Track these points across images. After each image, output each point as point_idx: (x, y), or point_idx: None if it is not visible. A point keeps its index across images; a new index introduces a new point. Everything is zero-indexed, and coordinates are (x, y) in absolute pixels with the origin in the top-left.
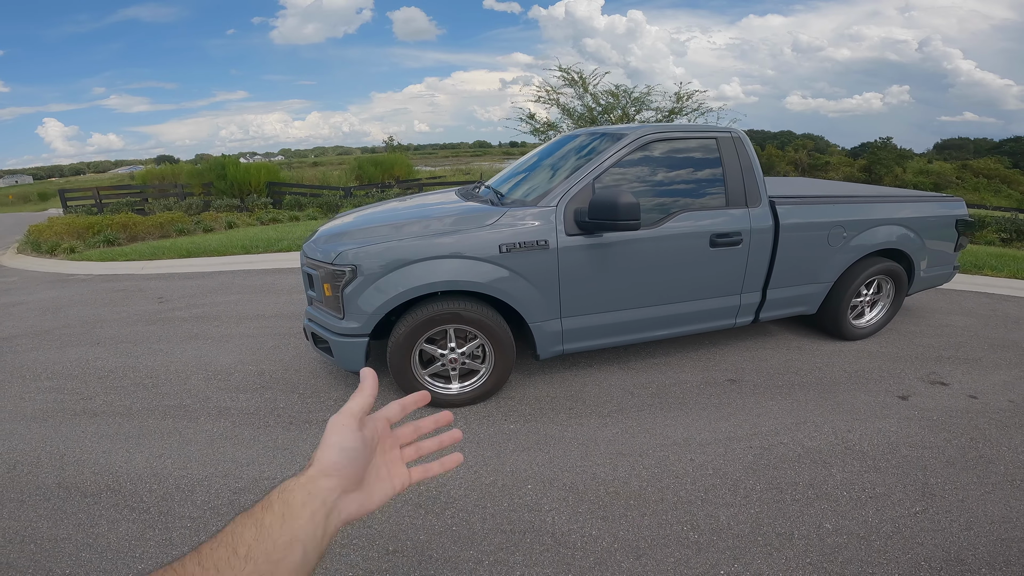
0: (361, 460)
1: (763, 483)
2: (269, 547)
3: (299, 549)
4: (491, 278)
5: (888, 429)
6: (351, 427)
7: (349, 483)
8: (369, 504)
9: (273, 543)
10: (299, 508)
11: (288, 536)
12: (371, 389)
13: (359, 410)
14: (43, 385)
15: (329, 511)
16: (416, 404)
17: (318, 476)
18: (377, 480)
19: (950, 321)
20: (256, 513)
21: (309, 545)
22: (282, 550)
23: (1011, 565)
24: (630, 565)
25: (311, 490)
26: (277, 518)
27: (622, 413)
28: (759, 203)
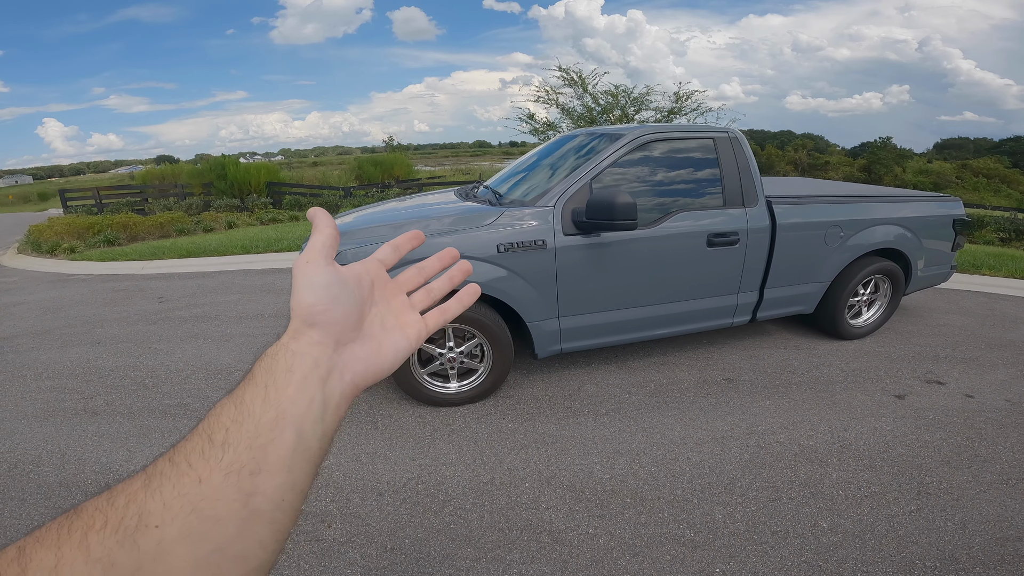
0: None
1: (759, 482)
2: (251, 429)
3: (290, 429)
4: (489, 278)
5: (884, 428)
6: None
7: (343, 331)
8: (380, 360)
9: (256, 424)
10: (284, 375)
11: (273, 413)
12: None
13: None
14: (44, 384)
15: (326, 373)
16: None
17: (300, 330)
18: (384, 331)
19: (948, 320)
20: (237, 392)
21: (305, 422)
22: (268, 431)
23: (1005, 564)
24: (626, 563)
25: (295, 349)
26: (259, 392)
27: (619, 412)
28: (756, 203)
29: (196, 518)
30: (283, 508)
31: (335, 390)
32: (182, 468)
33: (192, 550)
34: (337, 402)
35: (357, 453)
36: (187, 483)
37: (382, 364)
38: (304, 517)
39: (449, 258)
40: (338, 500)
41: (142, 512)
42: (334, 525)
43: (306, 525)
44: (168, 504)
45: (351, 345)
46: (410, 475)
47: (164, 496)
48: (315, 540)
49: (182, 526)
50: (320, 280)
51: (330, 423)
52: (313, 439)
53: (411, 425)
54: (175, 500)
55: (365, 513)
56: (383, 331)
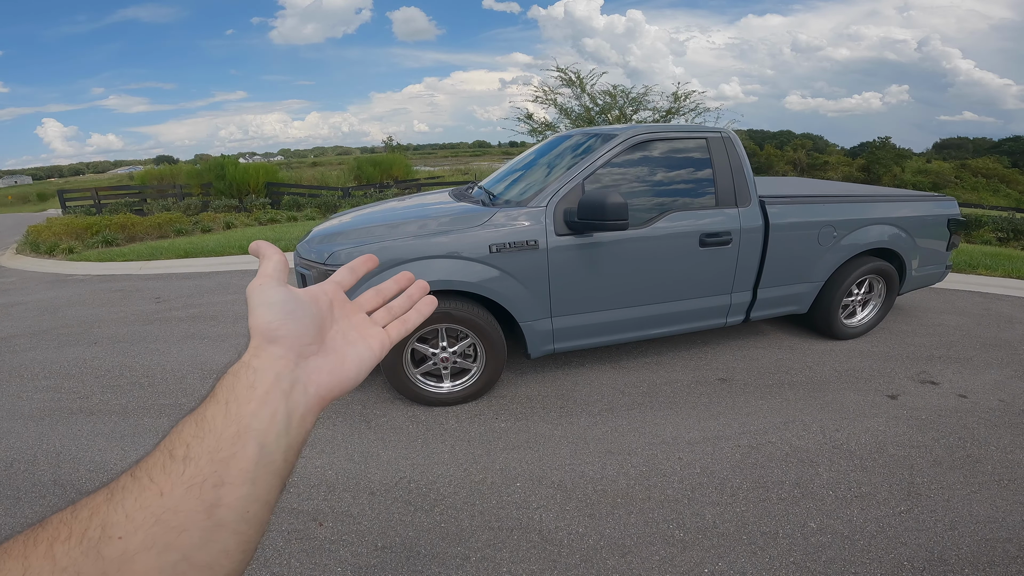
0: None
1: (750, 482)
2: (212, 444)
3: (252, 442)
4: (481, 278)
5: (876, 428)
6: (270, 283)
7: (303, 344)
8: (344, 370)
9: (217, 438)
10: (246, 391)
11: (235, 427)
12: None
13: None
14: (40, 384)
15: (289, 387)
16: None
17: (260, 346)
18: (347, 343)
19: (943, 320)
20: (199, 410)
21: (268, 436)
22: (229, 445)
23: (995, 566)
24: (616, 563)
25: (256, 366)
26: (220, 408)
27: (612, 412)
28: (749, 203)
29: (159, 529)
30: (247, 519)
31: (299, 403)
32: (143, 482)
33: (157, 559)
34: (302, 414)
35: (350, 452)
36: (149, 496)
37: (346, 375)
38: (296, 515)
39: (406, 281)
40: (330, 499)
41: (105, 523)
42: (326, 523)
43: (298, 523)
44: (131, 516)
45: (314, 358)
46: (402, 474)
47: (126, 508)
48: (306, 538)
49: (145, 536)
50: (275, 298)
51: (295, 436)
52: (277, 452)
53: (404, 424)
54: (137, 512)
55: (357, 512)
56: (345, 343)
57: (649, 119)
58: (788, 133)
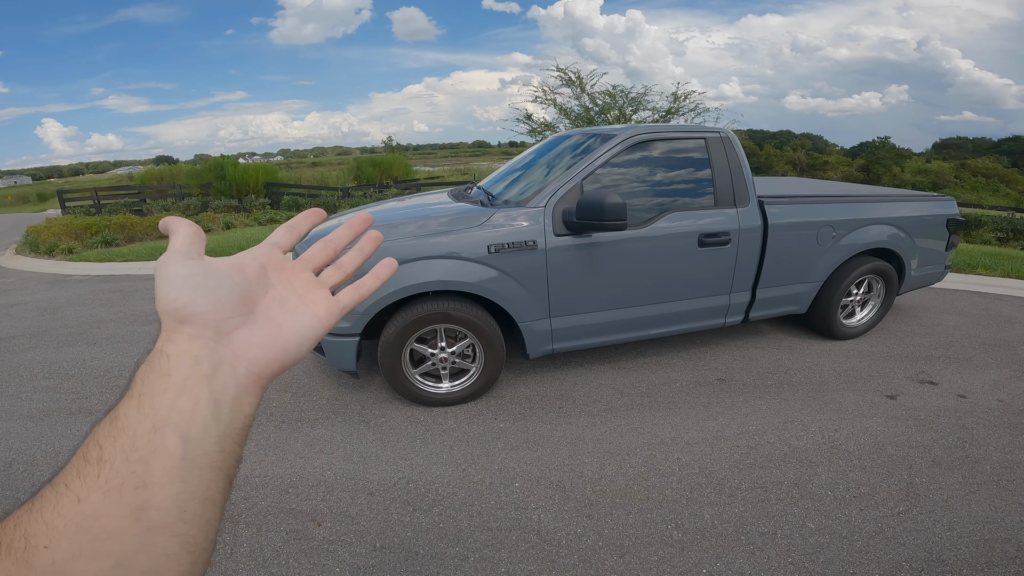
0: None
1: (748, 482)
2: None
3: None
4: (480, 278)
5: (875, 428)
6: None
7: (220, 319)
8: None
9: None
10: (160, 380)
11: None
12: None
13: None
14: (40, 385)
15: (211, 369)
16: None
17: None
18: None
19: (942, 320)
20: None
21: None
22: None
23: (993, 566)
24: (614, 563)
25: (170, 351)
26: (133, 404)
27: (611, 412)
28: (748, 203)
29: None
30: (187, 519)
31: (227, 386)
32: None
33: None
34: (234, 397)
35: (349, 452)
36: (66, 503)
37: (285, 346)
38: (294, 516)
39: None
40: (328, 499)
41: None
42: (324, 524)
43: (296, 524)
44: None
45: (238, 331)
46: (401, 474)
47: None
48: (305, 539)
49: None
50: (180, 272)
51: (230, 423)
52: (208, 443)
53: (403, 425)
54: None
55: (355, 512)
56: (283, 311)
57: (649, 119)
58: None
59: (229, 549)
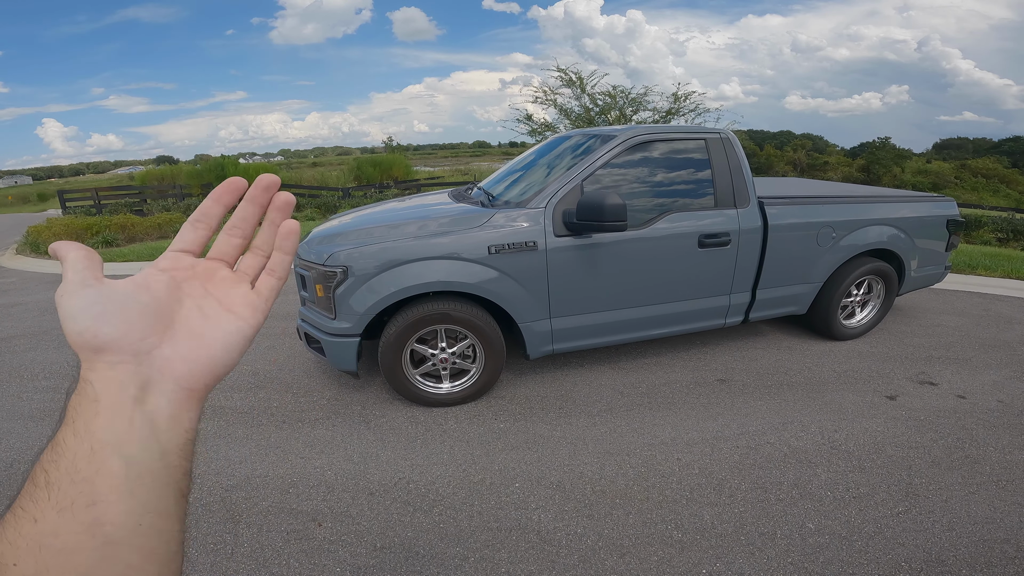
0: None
1: (748, 483)
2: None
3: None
4: (480, 279)
5: (875, 429)
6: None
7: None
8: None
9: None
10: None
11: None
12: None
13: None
14: (40, 385)
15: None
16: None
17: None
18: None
19: (942, 321)
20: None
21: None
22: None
23: (992, 567)
24: (614, 563)
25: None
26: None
27: (611, 413)
28: (748, 203)
29: (47, 554)
30: (143, 532)
31: (160, 404)
32: (17, 512)
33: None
34: (170, 415)
35: (349, 453)
36: (24, 524)
37: (212, 356)
38: (295, 516)
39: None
40: (329, 499)
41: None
42: (325, 524)
43: (297, 524)
44: (14, 544)
45: (158, 350)
46: (401, 475)
47: (9, 538)
48: (305, 539)
49: (36, 562)
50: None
51: (169, 438)
52: (150, 460)
53: (403, 425)
54: (19, 540)
55: (356, 512)
56: (204, 321)
57: (649, 120)
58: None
59: (230, 549)
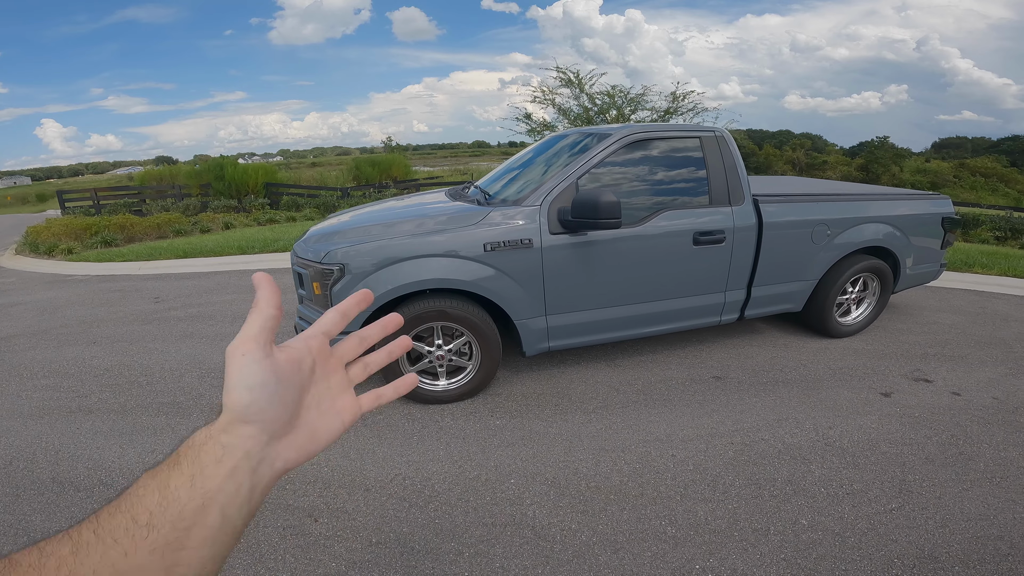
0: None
1: (742, 479)
2: (175, 514)
3: (215, 513)
4: (476, 276)
5: (869, 426)
6: (253, 356)
7: (277, 427)
8: (314, 446)
9: (180, 509)
10: (212, 466)
11: (200, 500)
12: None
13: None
14: (40, 383)
15: (257, 464)
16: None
17: (234, 424)
18: (320, 416)
19: (938, 319)
20: (161, 473)
21: (230, 507)
22: (192, 516)
23: (985, 563)
24: (607, 558)
25: (226, 443)
26: (185, 480)
27: (607, 409)
28: (742, 201)
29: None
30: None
31: (264, 476)
32: (107, 542)
33: None
34: (266, 484)
35: (346, 450)
36: (114, 555)
37: (315, 449)
38: (291, 512)
39: (393, 325)
40: (325, 495)
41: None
42: (321, 520)
43: (293, 520)
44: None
45: (286, 436)
46: (397, 471)
47: (92, 564)
48: (301, 534)
49: None
50: (256, 379)
51: (256, 503)
52: (238, 518)
53: (400, 422)
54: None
55: (352, 508)
56: (319, 416)
57: (647, 119)
58: (787, 133)
59: None
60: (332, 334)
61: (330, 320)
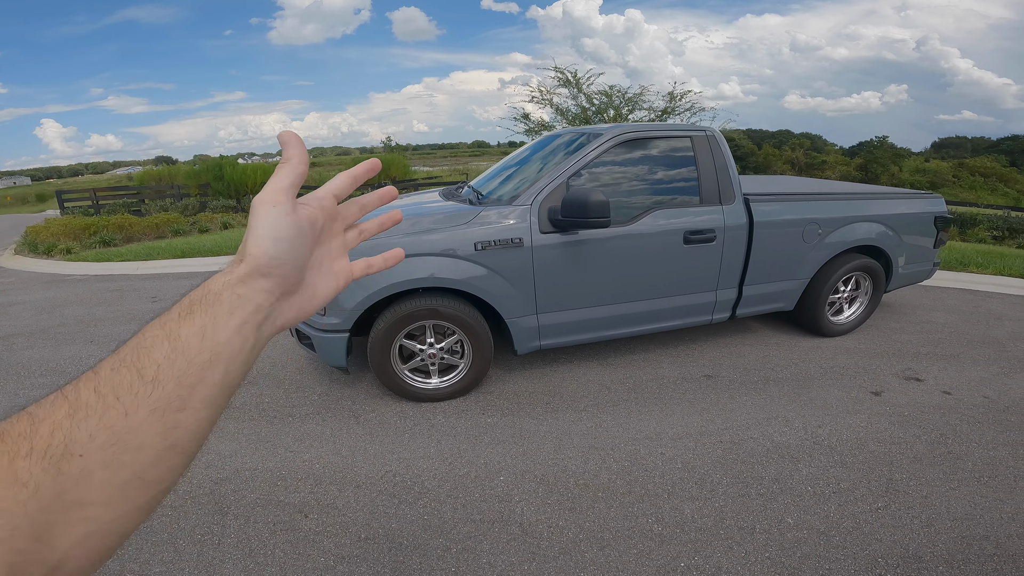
0: (301, 250)
1: (730, 477)
2: (182, 368)
3: (220, 369)
4: (467, 275)
5: (858, 425)
6: (284, 208)
7: (289, 283)
8: (311, 306)
9: (188, 363)
10: (225, 318)
11: (208, 354)
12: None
13: (290, 185)
14: (37, 382)
15: (263, 319)
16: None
17: (253, 276)
18: (320, 276)
19: (932, 318)
20: (171, 323)
21: (234, 363)
22: (198, 371)
23: (970, 563)
24: (593, 556)
25: (243, 293)
26: (196, 332)
27: (597, 408)
28: (733, 200)
29: (119, 449)
30: (197, 439)
31: (265, 333)
32: (109, 401)
33: (112, 476)
34: (264, 342)
35: (338, 447)
36: (113, 416)
37: (311, 310)
38: (282, 507)
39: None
40: (316, 492)
41: (68, 441)
42: (311, 516)
43: (283, 515)
44: (94, 435)
45: (292, 295)
46: (388, 468)
47: (90, 428)
48: (291, 530)
49: (105, 455)
50: (283, 232)
51: (252, 359)
52: (237, 376)
53: (392, 420)
54: (101, 432)
55: (342, 504)
56: (319, 277)
57: (645, 119)
58: (787, 133)
59: (217, 540)
60: (341, 197)
61: (341, 183)
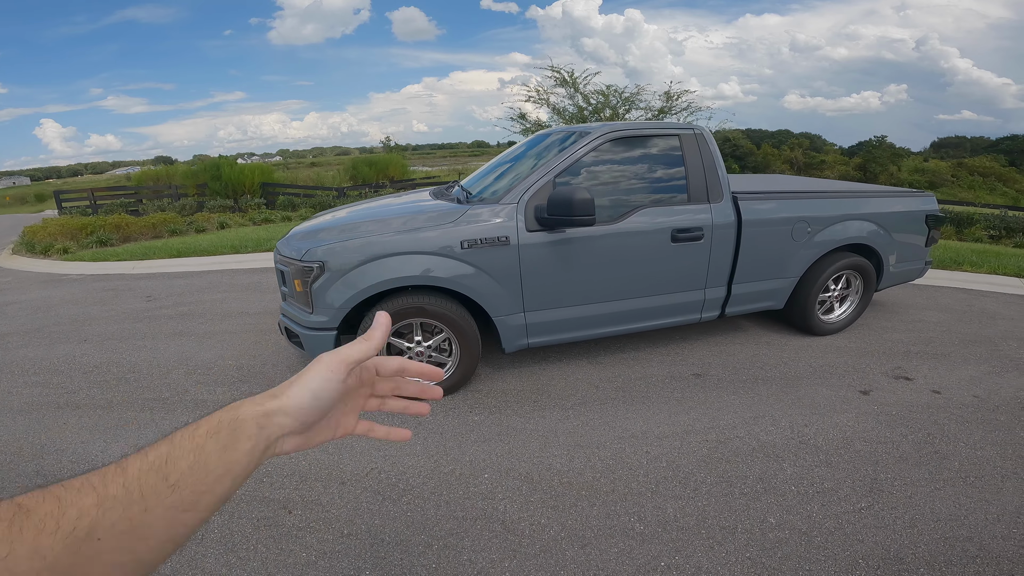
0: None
1: (714, 476)
2: (200, 478)
3: (228, 482)
4: (454, 273)
5: (845, 424)
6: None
7: (303, 427)
8: (306, 446)
9: (206, 474)
10: (244, 442)
11: (223, 469)
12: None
13: (355, 360)
14: (30, 380)
15: (269, 447)
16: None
17: (277, 413)
18: (325, 426)
19: (923, 316)
20: (199, 437)
21: (239, 480)
22: (212, 482)
23: (952, 565)
24: (574, 554)
25: (264, 424)
26: (218, 449)
27: (585, 406)
28: (721, 199)
29: (131, 537)
30: (191, 534)
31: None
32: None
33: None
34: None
35: (324, 444)
36: (135, 511)
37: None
38: (266, 504)
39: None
40: (301, 488)
41: (92, 528)
42: (294, 511)
43: (267, 511)
44: (115, 525)
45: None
46: (373, 465)
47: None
48: (275, 525)
49: (119, 542)
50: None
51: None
52: (236, 489)
53: (378, 417)
54: (122, 523)
55: (326, 501)
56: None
57: (642, 118)
58: (786, 132)
59: (200, 534)
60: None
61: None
